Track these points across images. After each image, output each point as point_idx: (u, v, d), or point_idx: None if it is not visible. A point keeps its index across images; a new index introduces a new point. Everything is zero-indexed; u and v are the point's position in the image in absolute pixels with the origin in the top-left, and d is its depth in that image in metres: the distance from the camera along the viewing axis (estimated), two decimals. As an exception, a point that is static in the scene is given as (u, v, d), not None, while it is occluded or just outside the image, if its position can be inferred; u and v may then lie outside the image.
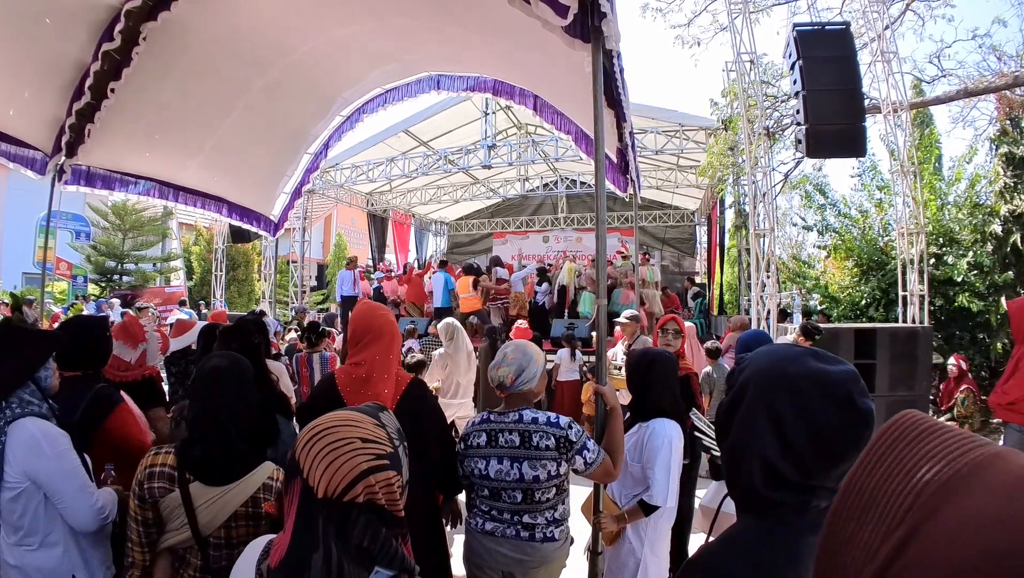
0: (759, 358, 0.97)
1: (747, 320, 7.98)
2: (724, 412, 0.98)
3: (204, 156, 5.36)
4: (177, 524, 1.63)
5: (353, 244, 24.64)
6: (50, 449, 1.85)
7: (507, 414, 2.14)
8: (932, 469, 0.40)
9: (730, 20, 8.14)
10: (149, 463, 1.67)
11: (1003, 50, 8.76)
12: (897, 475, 0.41)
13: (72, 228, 20.25)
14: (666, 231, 18.22)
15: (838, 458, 0.87)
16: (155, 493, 1.63)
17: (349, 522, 0.94)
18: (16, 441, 1.82)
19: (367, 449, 0.97)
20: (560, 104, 5.23)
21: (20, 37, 3.66)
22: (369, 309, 2.42)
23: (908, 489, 0.40)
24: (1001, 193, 8.86)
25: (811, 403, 0.87)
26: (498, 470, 2.09)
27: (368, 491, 0.95)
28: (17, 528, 1.85)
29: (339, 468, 0.94)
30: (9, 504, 1.83)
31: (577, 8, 2.20)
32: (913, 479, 0.40)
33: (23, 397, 1.91)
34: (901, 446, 0.43)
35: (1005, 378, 3.87)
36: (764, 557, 0.86)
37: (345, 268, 12.10)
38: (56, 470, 1.85)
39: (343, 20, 4.37)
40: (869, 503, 0.42)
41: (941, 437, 0.42)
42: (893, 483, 0.41)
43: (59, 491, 1.85)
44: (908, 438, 0.43)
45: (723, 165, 9.93)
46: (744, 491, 0.94)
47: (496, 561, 2.11)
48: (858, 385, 0.88)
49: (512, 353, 2.19)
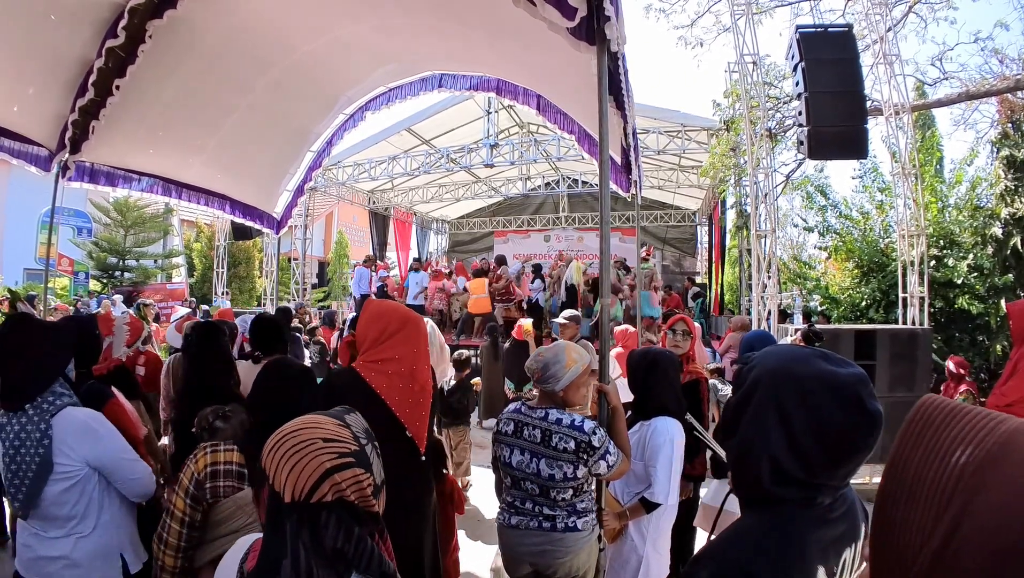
0: (768, 358, 0.98)
1: (748, 320, 7.99)
2: (732, 410, 0.99)
3: (208, 153, 5.37)
4: (238, 524, 1.58)
5: (355, 242, 24.65)
6: (103, 430, 1.94)
7: (536, 410, 2.20)
8: (966, 451, 0.44)
9: (733, 21, 8.15)
10: (211, 461, 1.62)
11: (1005, 53, 8.79)
12: (935, 460, 0.46)
13: (74, 224, 20.26)
14: (667, 231, 18.25)
15: (845, 458, 0.88)
16: (219, 492, 1.57)
17: (320, 523, 0.93)
18: (67, 431, 1.85)
19: (329, 448, 0.95)
20: (563, 104, 5.24)
21: (25, 34, 3.67)
22: (383, 304, 2.37)
23: (948, 473, 0.45)
24: (1002, 196, 8.87)
25: (820, 404, 0.88)
26: (519, 461, 2.16)
27: (335, 489, 0.94)
28: (69, 518, 1.85)
29: (303, 469, 0.93)
30: (62, 495, 1.83)
31: (585, 11, 2.20)
32: (950, 462, 0.45)
33: (56, 390, 1.93)
34: (932, 431, 0.47)
35: (1004, 380, 3.86)
36: (772, 550, 0.88)
37: (362, 265, 12.01)
38: (113, 449, 1.94)
39: (347, 19, 4.38)
40: (914, 486, 0.47)
41: (966, 420, 0.46)
42: (932, 467, 0.46)
43: (120, 468, 1.94)
44: (936, 423, 0.48)
45: (725, 166, 9.95)
46: (750, 488, 0.95)
47: (524, 553, 2.17)
48: (867, 387, 0.89)
49: (548, 350, 2.23)
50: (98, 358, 2.66)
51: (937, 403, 0.49)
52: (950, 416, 0.47)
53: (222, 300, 14.94)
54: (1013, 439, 0.42)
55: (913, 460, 0.47)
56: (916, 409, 0.50)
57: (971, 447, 0.44)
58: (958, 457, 0.44)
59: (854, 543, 0.97)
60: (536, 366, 2.20)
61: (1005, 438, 0.43)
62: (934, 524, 0.44)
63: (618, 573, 2.51)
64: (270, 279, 14.53)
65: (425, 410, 2.21)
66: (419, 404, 2.18)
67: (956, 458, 0.44)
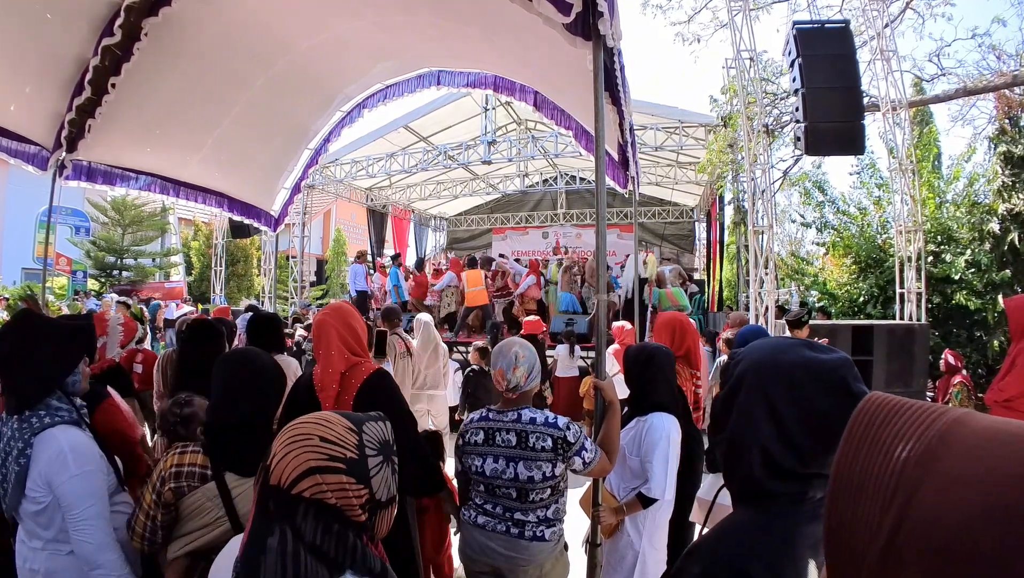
0: (753, 351, 0.99)
1: (746, 316, 8.00)
2: (721, 405, 1.00)
3: (205, 151, 5.36)
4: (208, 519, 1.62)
5: (352, 239, 24.64)
6: (76, 466, 1.74)
7: (506, 413, 2.11)
8: (907, 446, 0.45)
9: (730, 17, 8.14)
10: (177, 462, 1.68)
11: (1002, 49, 8.81)
12: (878, 456, 0.46)
13: (72, 223, 20.24)
14: (665, 227, 18.23)
15: (835, 443, 0.89)
16: (182, 491, 1.63)
17: (297, 515, 0.93)
18: (42, 454, 1.73)
19: (322, 448, 0.96)
20: (560, 100, 5.24)
21: (21, 32, 3.66)
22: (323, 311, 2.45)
23: (891, 469, 0.45)
24: (999, 192, 8.89)
25: (806, 391, 0.89)
26: (494, 469, 2.06)
27: (316, 489, 0.93)
28: (45, 535, 1.77)
29: (291, 460, 0.94)
30: (35, 516, 1.75)
31: (580, 6, 2.20)
32: (892, 458, 0.45)
33: (50, 403, 1.81)
34: (875, 428, 0.48)
35: (1002, 375, 3.87)
36: (763, 545, 0.89)
37: (356, 262, 11.98)
38: (76, 489, 1.72)
39: (344, 16, 4.38)
40: (860, 484, 0.47)
41: (907, 414, 0.47)
42: (876, 464, 0.46)
43: (73, 511, 1.72)
44: (879, 420, 0.48)
45: (722, 162, 9.95)
46: (743, 482, 0.96)
47: (487, 556, 2.10)
48: (851, 370, 0.90)
49: (521, 351, 2.15)
50: (93, 358, 2.65)
51: (880, 400, 0.50)
52: (892, 412, 0.47)
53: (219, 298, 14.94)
54: (952, 430, 0.43)
55: (859, 458, 0.48)
56: (860, 408, 0.50)
57: (912, 442, 0.44)
58: (899, 452, 0.45)
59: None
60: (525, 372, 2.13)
61: (944, 430, 0.43)
62: (880, 521, 0.45)
63: (615, 569, 2.52)
64: (268, 277, 14.53)
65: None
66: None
67: (898, 453, 0.45)
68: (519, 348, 2.16)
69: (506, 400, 2.16)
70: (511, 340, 2.24)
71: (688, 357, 3.14)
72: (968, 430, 0.43)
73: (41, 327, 1.92)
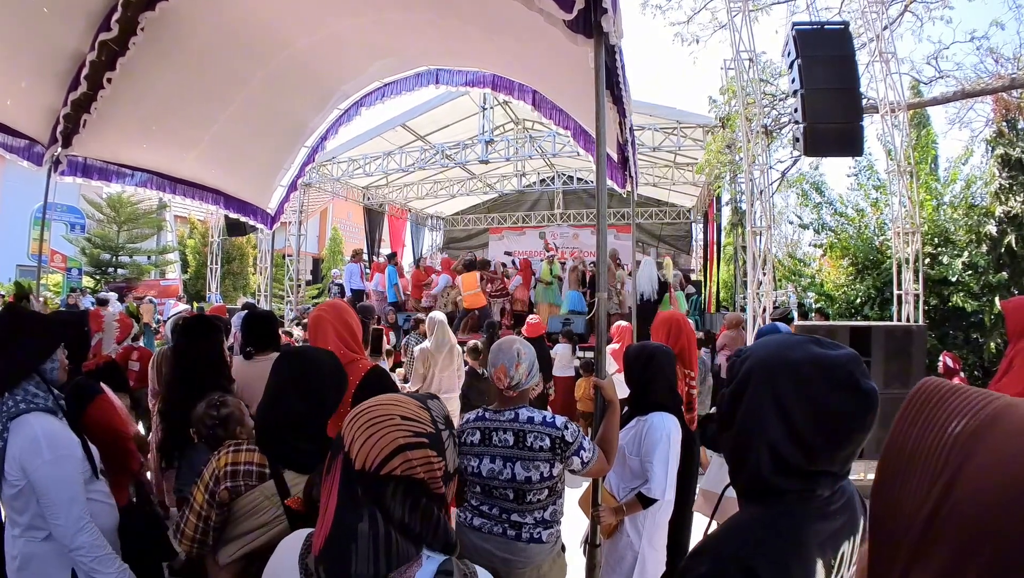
0: (760, 347, 0.98)
1: (742, 318, 8.01)
2: (727, 402, 0.98)
3: (202, 148, 5.33)
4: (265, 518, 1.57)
5: (349, 238, 24.60)
6: (49, 452, 1.78)
7: (503, 412, 2.08)
8: (960, 422, 0.48)
9: (729, 18, 8.14)
10: (232, 460, 1.61)
11: (1000, 52, 8.83)
12: (931, 431, 0.49)
13: (67, 220, 20.10)
14: (662, 228, 18.23)
15: (844, 440, 0.88)
16: (239, 490, 1.58)
17: (387, 495, 0.95)
18: (17, 439, 1.78)
19: (405, 425, 0.99)
20: (559, 100, 5.23)
21: (17, 27, 3.63)
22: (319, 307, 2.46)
23: (943, 441, 0.48)
24: (996, 194, 8.93)
25: (815, 387, 0.89)
26: (491, 469, 2.03)
27: (406, 465, 0.96)
28: (21, 521, 1.82)
29: (377, 441, 0.96)
30: (11, 500, 1.80)
31: (583, 3, 2.18)
32: (946, 432, 0.48)
33: (28, 389, 1.86)
34: (929, 407, 0.51)
35: (999, 377, 3.87)
36: (770, 542, 0.87)
37: (351, 261, 11.95)
38: (49, 475, 1.77)
39: (343, 13, 4.36)
40: (911, 458, 0.50)
41: (962, 396, 0.50)
42: (928, 439, 0.49)
43: (47, 496, 1.77)
44: (934, 400, 0.51)
45: (720, 163, 9.96)
46: (750, 479, 0.95)
47: (483, 558, 2.05)
48: (860, 366, 0.89)
49: (522, 348, 2.12)
50: (87, 354, 2.64)
51: (937, 383, 0.52)
52: (948, 393, 0.50)
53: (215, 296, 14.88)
54: (1003, 412, 0.46)
55: (911, 435, 0.50)
56: (916, 388, 0.53)
57: (966, 418, 0.47)
58: (953, 428, 0.47)
59: (852, 536, 0.96)
60: (526, 370, 2.10)
61: (996, 411, 0.46)
62: (928, 491, 0.47)
63: (614, 569, 2.51)
64: (264, 275, 14.47)
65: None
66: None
67: (951, 429, 0.47)
68: (520, 345, 2.14)
69: (503, 399, 2.12)
70: (511, 337, 2.23)
71: (683, 356, 3.12)
72: (1018, 413, 0.45)
73: (19, 316, 2.00)
